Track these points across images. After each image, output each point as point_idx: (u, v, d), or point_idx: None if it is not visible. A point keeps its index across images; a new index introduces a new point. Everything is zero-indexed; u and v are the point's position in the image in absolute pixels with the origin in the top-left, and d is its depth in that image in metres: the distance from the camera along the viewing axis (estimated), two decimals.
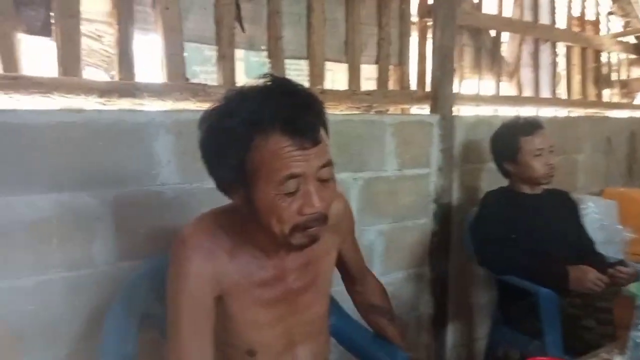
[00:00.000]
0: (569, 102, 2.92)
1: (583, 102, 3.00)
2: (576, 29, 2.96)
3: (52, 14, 1.30)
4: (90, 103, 1.36)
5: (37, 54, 1.36)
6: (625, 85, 3.37)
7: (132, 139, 1.34)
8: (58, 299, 1.28)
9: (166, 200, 1.40)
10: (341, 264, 1.16)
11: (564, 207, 1.92)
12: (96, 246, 1.32)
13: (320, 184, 0.83)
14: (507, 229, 1.75)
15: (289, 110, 0.80)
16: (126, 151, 1.33)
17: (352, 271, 1.20)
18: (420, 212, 2.06)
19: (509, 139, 1.85)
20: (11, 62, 1.26)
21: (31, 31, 1.29)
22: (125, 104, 1.41)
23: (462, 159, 2.19)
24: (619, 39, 3.26)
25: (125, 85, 1.40)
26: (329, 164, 0.84)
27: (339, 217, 1.02)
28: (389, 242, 1.96)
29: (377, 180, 1.90)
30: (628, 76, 3.43)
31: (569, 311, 1.52)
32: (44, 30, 1.30)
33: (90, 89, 1.35)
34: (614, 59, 3.32)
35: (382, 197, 1.93)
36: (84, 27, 1.37)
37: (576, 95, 3.00)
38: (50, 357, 1.28)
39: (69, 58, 1.33)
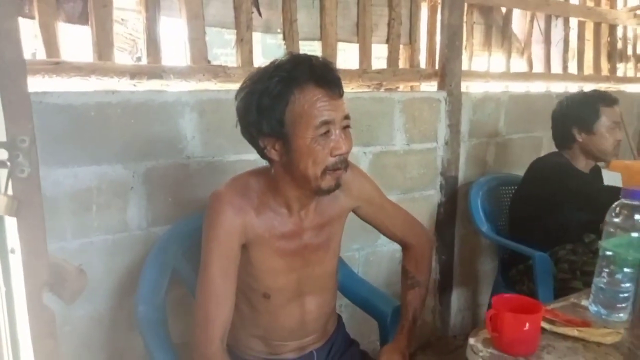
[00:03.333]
0: (580, 78, 2.95)
1: (595, 77, 3.01)
2: (590, 4, 2.96)
3: (88, 4, 1.44)
4: (122, 84, 1.50)
5: (75, 41, 1.51)
6: None
7: (161, 117, 1.48)
8: (97, 259, 1.44)
9: (191, 172, 1.55)
10: (375, 226, 1.27)
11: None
12: (130, 213, 1.47)
13: (343, 132, 1.00)
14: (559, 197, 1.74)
15: (319, 68, 0.97)
16: (155, 128, 1.47)
17: (389, 237, 1.29)
18: (427, 185, 2.18)
19: (590, 107, 1.79)
20: (53, 48, 1.40)
21: (70, 20, 1.43)
22: (153, 85, 1.54)
23: (469, 134, 2.28)
24: (637, 12, 3.23)
25: (153, 68, 1.53)
26: (348, 116, 1.01)
27: (348, 183, 1.13)
28: None
29: (386, 154, 2.02)
30: None
31: (559, 276, 1.65)
32: (81, 19, 1.44)
33: (122, 71, 1.48)
34: (629, 32, 3.30)
35: (391, 170, 2.04)
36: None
37: (588, 70, 3.03)
38: (92, 310, 1.45)
39: (103, 44, 1.46)
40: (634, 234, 0.94)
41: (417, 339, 2.27)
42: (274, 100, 0.97)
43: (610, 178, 2.49)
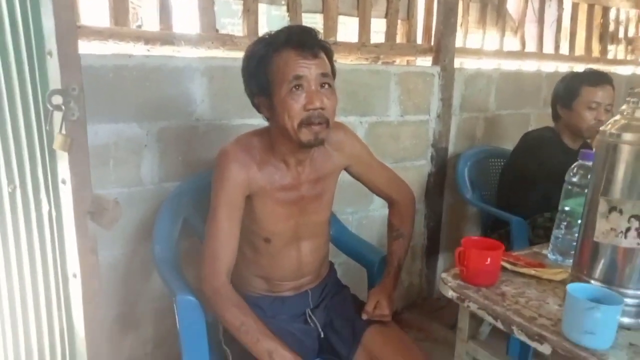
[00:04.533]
0: (571, 58, 3.05)
1: (586, 58, 3.10)
2: None
3: None
4: (137, 49, 1.62)
5: (94, 7, 1.61)
6: (632, 42, 3.45)
7: (173, 81, 1.59)
8: None
9: (200, 134, 1.68)
10: (366, 187, 1.41)
11: None
12: (144, 169, 1.60)
13: (322, 90, 1.11)
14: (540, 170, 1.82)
15: (296, 34, 1.12)
16: (168, 91, 1.59)
17: (377, 194, 1.42)
18: (419, 155, 2.31)
19: (572, 85, 1.86)
20: (74, 13, 1.51)
21: None
22: (165, 50, 1.66)
23: (460, 108, 2.40)
24: None
25: (166, 35, 1.64)
26: (327, 74, 1.12)
27: (340, 143, 1.28)
28: None
29: (381, 124, 2.14)
30: (637, 32, 3.48)
31: (534, 240, 1.80)
32: None
33: (138, 37, 1.60)
34: (622, 15, 3.38)
35: (385, 140, 2.17)
36: None
37: (580, 51, 3.12)
38: (109, 256, 1.58)
39: (119, 10, 1.57)
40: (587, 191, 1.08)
41: (404, 299, 2.44)
42: (258, 63, 1.13)
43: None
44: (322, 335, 1.30)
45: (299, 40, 1.10)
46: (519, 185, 1.96)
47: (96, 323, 0.84)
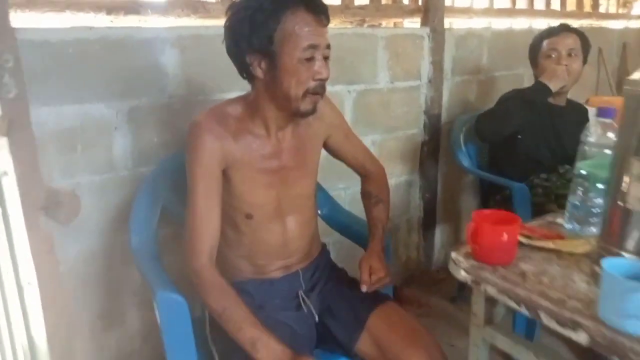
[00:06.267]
0: (563, 14, 2.94)
1: (577, 14, 3.01)
2: None
3: None
4: (98, 20, 1.46)
5: None
6: None
7: (140, 54, 1.44)
8: (87, 199, 1.42)
9: (175, 111, 1.54)
10: (342, 160, 1.36)
11: (577, 122, 1.95)
12: (116, 153, 1.46)
13: (324, 60, 1.07)
14: (519, 124, 1.82)
15: None
16: (136, 65, 1.44)
17: (353, 165, 1.38)
18: (411, 123, 2.20)
19: (535, 43, 1.91)
20: None
21: None
22: (131, 21, 1.50)
23: (452, 72, 2.28)
24: None
25: (130, 3, 1.48)
26: (330, 46, 1.08)
27: (321, 112, 1.19)
28: (381, 152, 2.10)
29: (370, 92, 2.01)
30: None
31: (534, 200, 1.72)
32: None
33: (98, 6, 1.43)
34: None
35: (375, 109, 2.05)
36: None
37: (571, 6, 3.01)
38: (85, 249, 1.46)
39: None
40: (607, 151, 0.97)
41: (402, 274, 2.37)
42: (267, 17, 1.02)
43: (591, 113, 2.55)
44: (317, 320, 1.21)
45: (314, 2, 1.05)
46: (508, 149, 1.89)
47: (62, 331, 0.73)
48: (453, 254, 0.93)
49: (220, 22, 1.67)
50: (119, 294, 1.56)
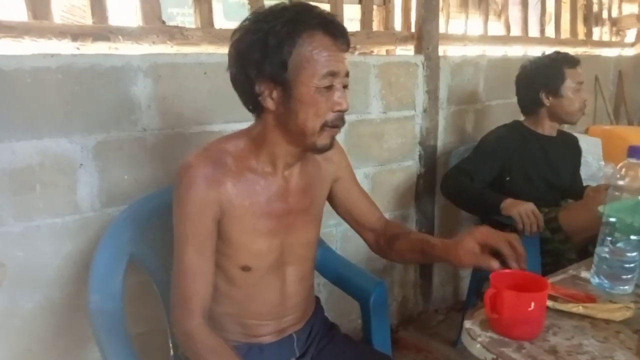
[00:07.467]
0: (557, 41, 2.88)
1: (572, 41, 2.95)
2: None
3: None
4: (63, 47, 1.32)
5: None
6: (616, 23, 3.31)
7: (110, 84, 1.31)
8: (46, 245, 1.29)
9: (148, 146, 1.40)
10: (347, 210, 1.17)
11: (569, 153, 1.92)
12: (80, 193, 1.32)
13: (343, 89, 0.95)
14: (503, 167, 1.75)
15: (327, 16, 0.93)
16: (104, 96, 1.31)
17: (360, 216, 1.18)
18: (405, 155, 2.08)
19: (555, 70, 1.76)
20: None
21: None
22: (99, 48, 1.37)
23: (448, 101, 2.18)
24: None
25: (99, 29, 1.35)
26: (348, 74, 0.96)
27: (330, 152, 1.04)
28: (375, 185, 1.98)
29: (362, 123, 1.90)
30: (619, 13, 3.36)
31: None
32: None
33: (62, 32, 1.30)
34: None
35: (368, 140, 1.94)
36: None
37: (565, 34, 2.96)
38: (43, 301, 1.31)
39: (38, 1, 1.28)
40: None
41: (398, 316, 2.22)
42: (281, 41, 0.89)
43: (590, 143, 2.45)
44: None
45: (333, 24, 0.92)
46: (497, 189, 1.76)
47: None
48: (467, 323, 0.77)
49: (200, 49, 1.58)
50: (82, 349, 1.39)
